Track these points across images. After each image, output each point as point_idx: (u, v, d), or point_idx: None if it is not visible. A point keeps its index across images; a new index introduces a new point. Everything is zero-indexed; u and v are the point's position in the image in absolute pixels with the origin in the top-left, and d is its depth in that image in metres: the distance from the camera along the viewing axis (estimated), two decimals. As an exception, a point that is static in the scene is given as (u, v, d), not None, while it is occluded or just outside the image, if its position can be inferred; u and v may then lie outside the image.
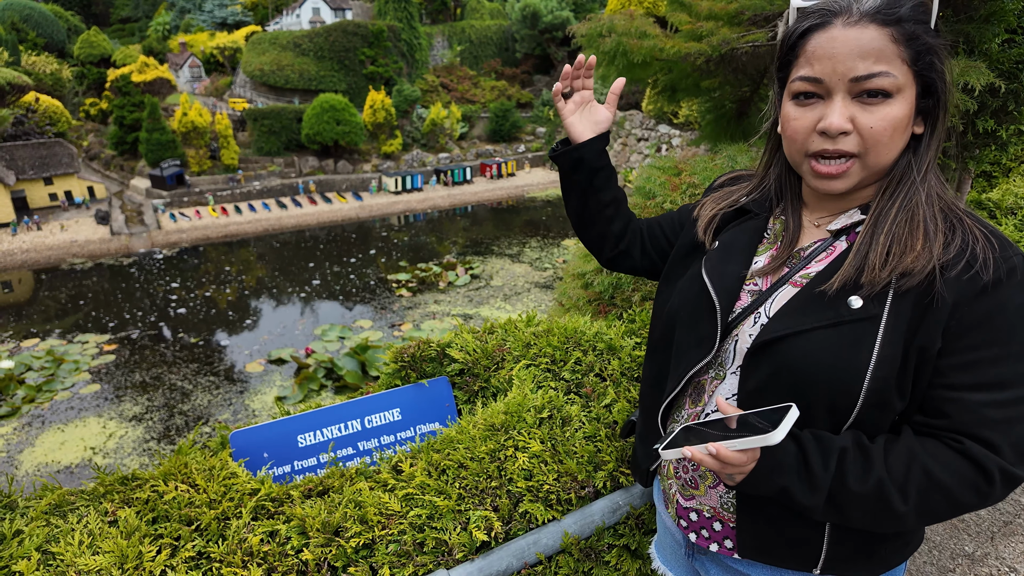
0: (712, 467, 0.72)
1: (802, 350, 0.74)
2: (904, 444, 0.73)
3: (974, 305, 0.69)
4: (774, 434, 0.65)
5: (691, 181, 2.05)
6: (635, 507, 1.27)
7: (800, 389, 0.75)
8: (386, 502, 1.17)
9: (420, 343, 1.72)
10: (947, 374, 0.71)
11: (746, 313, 0.84)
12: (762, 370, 0.78)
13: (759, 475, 0.74)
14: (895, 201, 0.74)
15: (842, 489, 0.72)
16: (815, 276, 0.78)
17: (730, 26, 2.25)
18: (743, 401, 0.80)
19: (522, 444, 1.29)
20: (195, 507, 1.17)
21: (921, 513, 0.72)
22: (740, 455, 0.71)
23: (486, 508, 1.17)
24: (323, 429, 1.59)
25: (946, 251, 0.70)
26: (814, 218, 0.85)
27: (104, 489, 1.23)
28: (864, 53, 0.69)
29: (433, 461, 1.26)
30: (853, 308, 0.73)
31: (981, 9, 1.66)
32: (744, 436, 0.68)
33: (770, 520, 0.83)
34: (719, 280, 0.87)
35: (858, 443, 0.74)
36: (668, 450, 0.76)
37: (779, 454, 0.74)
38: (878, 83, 0.69)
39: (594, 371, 1.54)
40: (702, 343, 0.86)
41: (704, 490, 0.91)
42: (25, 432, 9.88)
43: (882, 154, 0.73)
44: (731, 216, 0.95)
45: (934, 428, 0.73)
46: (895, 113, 0.70)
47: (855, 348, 0.72)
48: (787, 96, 0.78)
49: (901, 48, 0.69)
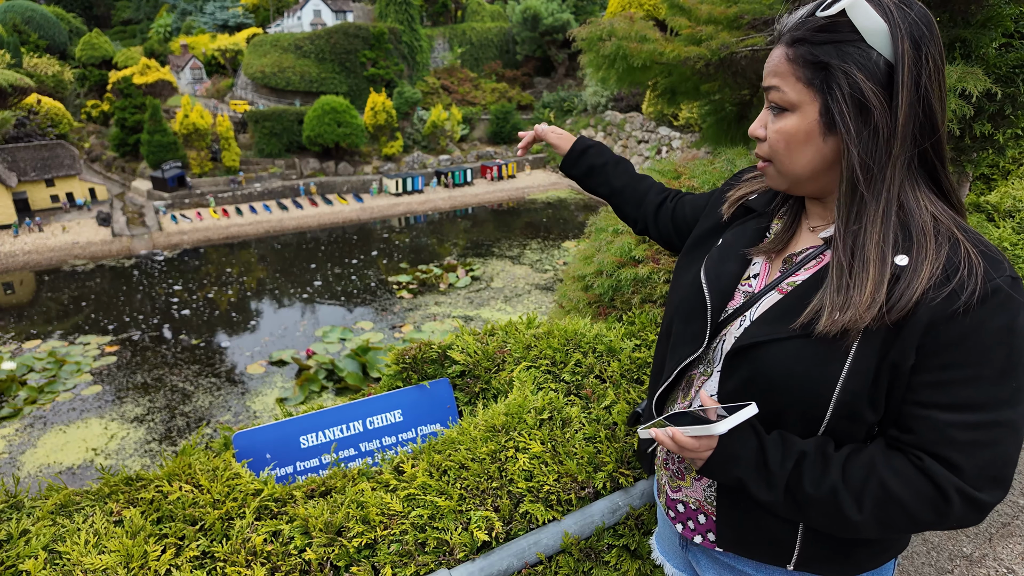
0: (671, 449, 0.78)
1: (776, 358, 0.76)
2: (867, 455, 0.74)
3: (950, 324, 0.67)
4: (719, 425, 0.71)
5: (690, 184, 2.07)
6: (635, 507, 1.28)
7: (773, 395, 0.77)
8: (388, 502, 1.18)
9: (421, 345, 1.73)
10: (919, 391, 0.71)
11: (736, 315, 0.86)
12: (739, 373, 0.81)
13: (715, 463, 0.79)
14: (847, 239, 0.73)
15: (798, 490, 0.75)
16: (799, 285, 0.80)
17: (729, 30, 2.26)
18: (722, 400, 0.83)
19: (523, 445, 1.30)
20: (199, 507, 1.18)
21: (880, 523, 0.73)
22: (693, 441, 0.76)
23: (487, 508, 1.18)
24: (325, 430, 1.60)
25: (930, 278, 0.68)
26: (810, 223, 0.87)
27: (109, 489, 1.24)
28: (769, 69, 0.78)
29: (434, 462, 1.27)
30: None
31: (978, 14, 1.67)
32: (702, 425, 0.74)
33: (747, 514, 0.85)
34: (715, 280, 0.90)
35: (821, 449, 0.76)
36: (643, 430, 0.82)
37: (736, 446, 0.77)
38: (772, 97, 0.77)
39: (594, 373, 1.55)
40: (694, 339, 0.89)
41: (690, 481, 0.94)
42: (27, 433, 9.89)
43: (784, 162, 0.78)
44: (737, 214, 0.98)
45: (901, 443, 0.74)
46: (787, 125, 0.76)
47: (827, 360, 0.73)
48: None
49: (794, 67, 0.74)
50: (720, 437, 0.77)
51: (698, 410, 0.79)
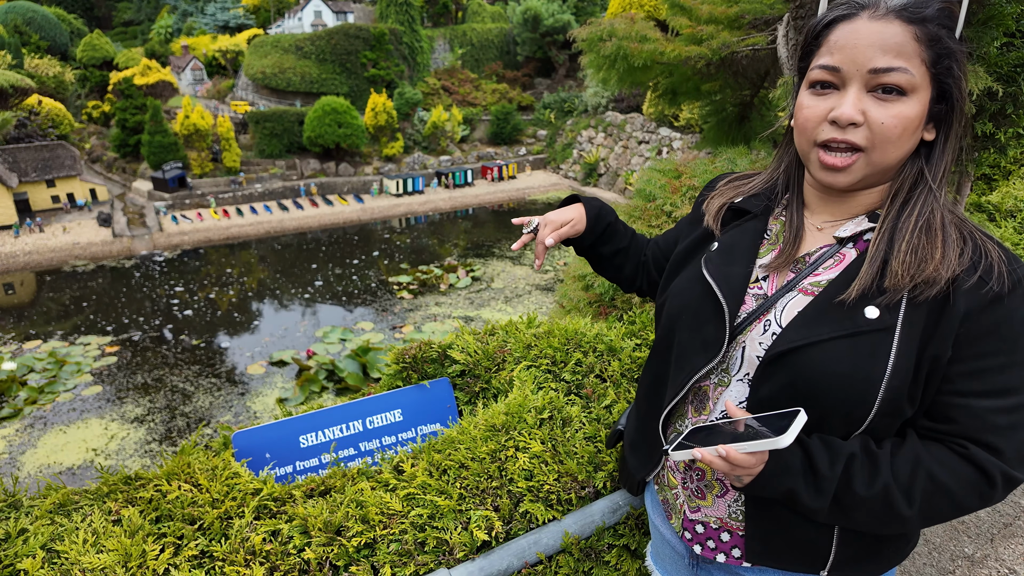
0: (721, 469, 0.73)
1: (819, 361, 0.74)
2: (910, 449, 0.75)
3: (983, 315, 0.70)
4: (783, 438, 0.66)
5: (691, 184, 2.06)
6: (635, 507, 1.28)
7: (815, 399, 0.75)
8: (387, 502, 1.18)
9: (421, 344, 1.73)
10: (955, 381, 0.72)
11: (752, 318, 0.83)
12: (776, 379, 0.78)
13: (766, 477, 0.76)
14: (913, 209, 0.74)
15: (848, 493, 0.74)
16: (829, 285, 0.78)
17: (730, 30, 2.26)
18: (753, 408, 0.80)
19: (523, 444, 1.30)
20: (198, 506, 1.18)
21: (925, 516, 0.74)
22: (749, 457, 0.72)
23: (487, 508, 1.18)
24: (325, 430, 1.60)
25: (961, 262, 0.71)
26: (817, 221, 0.85)
27: (108, 488, 1.24)
28: (885, 47, 0.70)
29: (434, 461, 1.27)
30: (869, 318, 0.73)
31: (979, 13, 1.67)
32: (752, 439, 0.69)
33: (779, 524, 0.83)
34: (725, 282, 0.86)
35: (866, 448, 0.75)
36: (678, 451, 0.76)
37: (787, 457, 0.75)
38: (895, 78, 0.69)
39: (594, 372, 1.54)
40: (708, 347, 0.85)
41: (711, 500, 0.90)
42: (27, 433, 9.89)
43: (889, 152, 0.73)
44: (730, 217, 0.95)
45: (940, 433, 0.74)
46: (908, 111, 0.70)
47: (871, 359, 0.72)
48: (804, 85, 0.78)
49: (922, 48, 0.70)
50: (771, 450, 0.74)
51: (724, 422, 0.77)
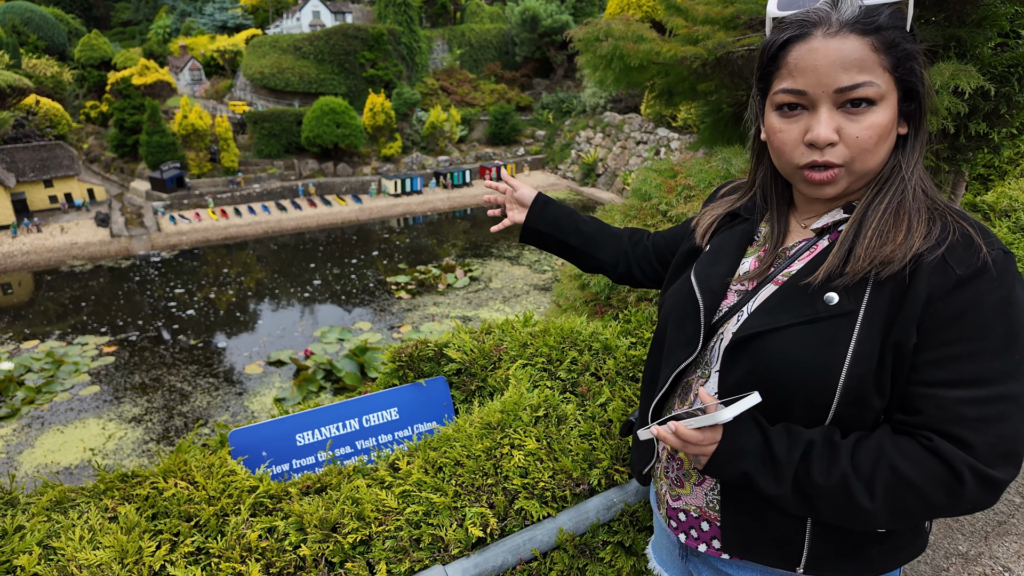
0: (674, 444, 0.75)
1: (778, 347, 0.75)
2: (875, 440, 0.73)
3: (948, 299, 0.68)
4: (724, 412, 0.68)
5: (686, 183, 2.07)
6: (629, 504, 1.28)
7: (777, 385, 0.76)
8: (383, 499, 1.18)
9: (418, 343, 1.74)
10: (921, 370, 0.70)
11: (731, 312, 0.86)
12: (740, 367, 0.79)
13: (720, 458, 0.76)
14: (884, 197, 0.75)
15: (807, 481, 0.73)
16: (795, 273, 0.80)
17: (726, 30, 2.27)
18: (722, 396, 0.81)
19: (518, 442, 1.31)
20: (194, 504, 1.18)
21: (892, 511, 0.72)
22: (697, 434, 0.74)
23: (482, 505, 1.18)
24: (321, 428, 1.61)
25: (925, 241, 0.71)
26: (801, 220, 0.87)
27: (104, 486, 1.24)
28: (846, 64, 0.69)
29: (430, 459, 1.28)
30: (830, 305, 0.73)
31: (973, 13, 1.68)
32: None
33: (753, 515, 0.83)
34: (704, 281, 0.89)
35: (827, 437, 0.74)
36: (643, 431, 0.80)
37: (742, 439, 0.76)
38: (862, 92, 0.70)
39: (590, 370, 1.55)
40: (689, 343, 0.87)
41: (689, 488, 0.92)
42: (25, 433, 9.85)
43: (868, 161, 0.74)
44: (723, 222, 0.97)
45: (908, 425, 0.73)
46: (879, 120, 0.71)
47: (831, 345, 0.72)
48: (770, 107, 0.79)
49: (881, 56, 0.70)
50: (724, 431, 0.76)
51: (698, 409, 0.79)
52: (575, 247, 1.24)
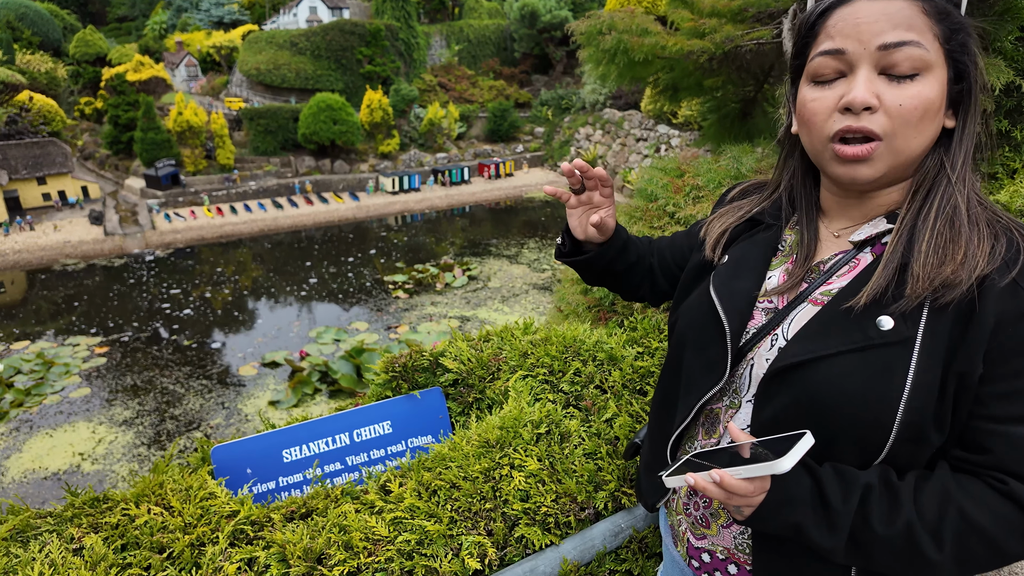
0: (717, 496, 0.65)
1: (825, 377, 0.66)
2: (939, 482, 0.65)
3: (1020, 325, 0.61)
4: (782, 461, 0.59)
5: (694, 183, 1.98)
6: (638, 530, 1.20)
7: (824, 421, 0.67)
8: (373, 526, 1.10)
9: (412, 352, 1.65)
10: (989, 404, 0.63)
11: (761, 334, 0.76)
12: (780, 399, 0.70)
13: (769, 508, 0.67)
14: (931, 204, 0.67)
15: (865, 530, 0.65)
16: (838, 293, 0.71)
17: (733, 23, 2.18)
18: (757, 433, 0.73)
19: (518, 462, 1.22)
20: (168, 532, 1.10)
21: (960, 562, 0.64)
22: (746, 484, 0.64)
23: (479, 533, 1.10)
24: (309, 443, 1.52)
25: (990, 261, 0.63)
26: (834, 228, 0.78)
27: (72, 512, 1.15)
28: (893, 20, 0.63)
29: (424, 481, 1.19)
30: (883, 330, 0.65)
31: (996, 5, 1.60)
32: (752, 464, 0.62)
33: (789, 560, 0.75)
34: (728, 298, 0.79)
35: (885, 479, 0.66)
36: (672, 478, 0.70)
37: (792, 487, 0.66)
38: (908, 53, 0.62)
39: (594, 383, 1.47)
40: (712, 369, 0.78)
41: (716, 529, 0.83)
42: (13, 437, 9.70)
43: (911, 138, 0.65)
44: (742, 228, 0.87)
45: (974, 465, 0.65)
46: (926, 92, 0.63)
47: (886, 375, 0.64)
48: (805, 80, 0.71)
49: (932, 22, 0.63)
50: (772, 477, 0.66)
51: (728, 447, 0.69)
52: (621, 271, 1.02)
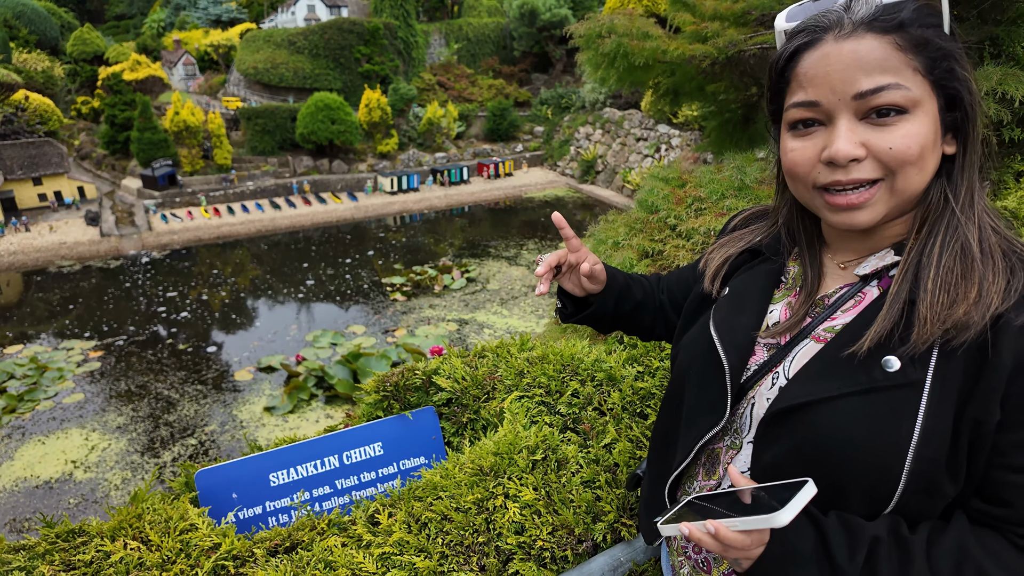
0: (712, 548, 0.61)
1: (828, 421, 0.62)
2: (954, 537, 0.61)
3: None
4: (780, 515, 0.55)
5: (696, 194, 1.93)
6: (638, 563, 1.15)
7: (827, 467, 0.63)
8: (360, 562, 1.04)
9: (404, 370, 1.59)
10: (1008, 453, 0.59)
11: (763, 371, 0.72)
12: (781, 443, 0.66)
13: (768, 563, 0.63)
14: (936, 238, 0.62)
15: None
16: (842, 330, 0.66)
17: (736, 27, 2.12)
18: (758, 477, 0.68)
19: (513, 491, 1.17)
20: (145, 569, 1.04)
21: None
22: (743, 537, 0.60)
23: (472, 569, 1.04)
24: (297, 467, 1.46)
25: (1005, 298, 0.58)
26: (839, 260, 0.73)
27: (44, 548, 1.10)
28: (865, 65, 0.59)
29: (414, 512, 1.13)
30: (889, 371, 0.61)
31: (1009, 11, 1.54)
32: (753, 514, 0.58)
33: None
34: (728, 334, 0.75)
35: (895, 532, 0.61)
36: (667, 526, 0.65)
37: (794, 540, 0.62)
38: (888, 97, 0.58)
39: (592, 404, 1.41)
40: (713, 408, 0.74)
41: (718, 574, 0.78)
42: (4, 444, 9.59)
43: (912, 177, 0.61)
44: (743, 259, 0.83)
45: (995, 519, 0.61)
46: (916, 129, 0.59)
47: (893, 420, 0.60)
48: (784, 128, 0.67)
49: (909, 56, 0.59)
50: (772, 530, 0.62)
51: (728, 491, 0.64)
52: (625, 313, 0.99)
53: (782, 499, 0.57)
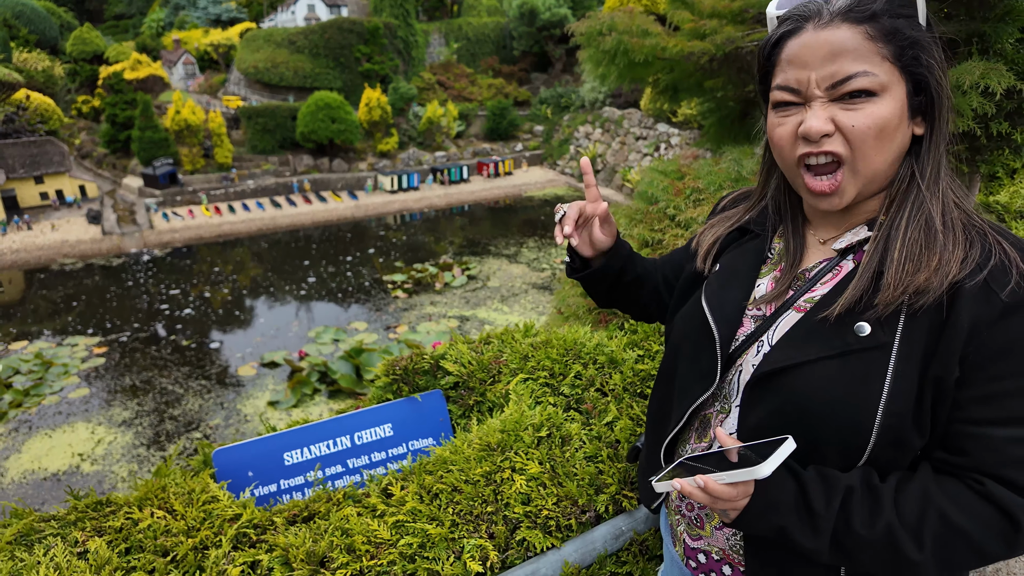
0: (702, 500, 0.67)
1: (806, 383, 0.68)
2: (919, 484, 0.67)
3: (995, 329, 0.62)
4: (762, 467, 0.61)
5: (694, 185, 1.98)
6: (639, 533, 1.21)
7: (806, 425, 0.69)
8: (375, 529, 1.10)
9: (413, 355, 1.65)
10: (967, 407, 0.65)
11: (749, 341, 0.78)
12: (764, 405, 0.72)
13: (753, 512, 0.69)
14: (904, 212, 0.69)
15: (848, 533, 0.66)
16: (820, 300, 0.73)
17: (734, 24, 2.18)
18: (744, 437, 0.74)
19: (519, 465, 1.22)
20: (172, 536, 1.10)
21: (942, 562, 0.65)
22: (729, 489, 0.66)
23: (481, 536, 1.10)
24: (311, 446, 1.52)
25: (963, 267, 0.64)
26: (819, 236, 0.80)
27: (76, 516, 1.16)
28: (837, 54, 0.66)
29: (425, 484, 1.19)
30: (861, 336, 0.67)
31: (996, 7, 1.60)
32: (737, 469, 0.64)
33: (780, 564, 0.76)
34: (718, 308, 0.81)
35: (867, 482, 0.68)
36: (661, 483, 0.72)
37: (775, 491, 0.68)
38: (857, 84, 0.65)
39: (595, 386, 1.47)
40: (704, 375, 0.80)
41: (710, 530, 0.85)
42: (11, 438, 9.69)
43: (871, 157, 0.67)
44: (732, 237, 0.89)
45: (954, 467, 0.67)
46: (881, 111, 0.66)
47: (865, 380, 0.66)
48: (770, 107, 0.74)
49: (879, 45, 0.65)
50: (756, 481, 0.68)
51: (717, 451, 0.70)
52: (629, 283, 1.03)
53: (765, 455, 0.63)
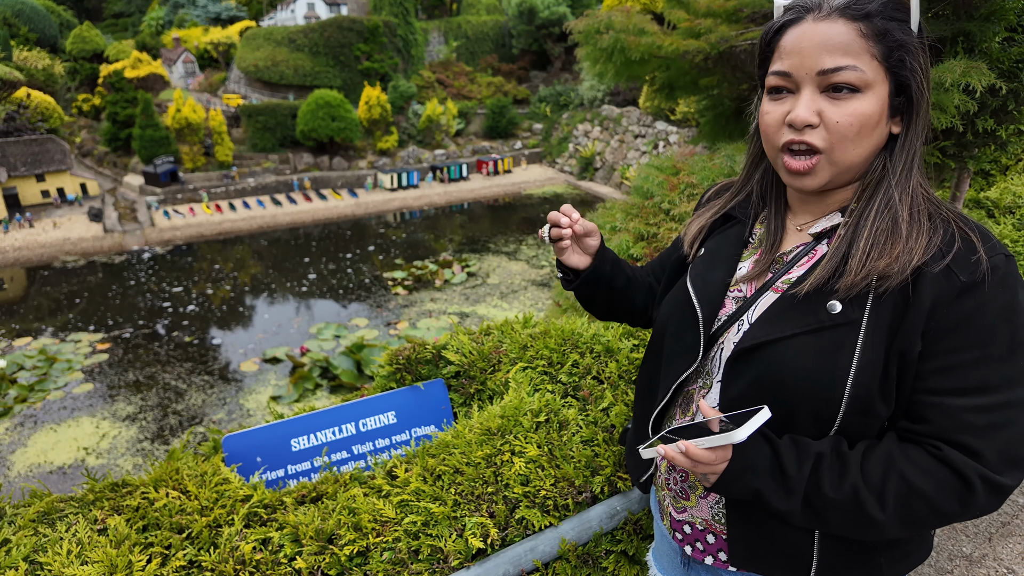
0: (684, 465, 0.73)
1: (782, 357, 0.74)
2: (883, 450, 0.72)
3: (953, 306, 0.67)
4: (739, 431, 0.66)
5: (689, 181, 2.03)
6: (633, 512, 1.26)
7: (782, 396, 0.74)
8: (380, 509, 1.16)
9: (416, 345, 1.70)
10: (927, 378, 0.70)
11: (731, 321, 0.84)
12: (743, 378, 0.78)
13: (731, 476, 0.74)
14: (874, 203, 0.74)
15: (817, 494, 0.72)
16: (795, 281, 0.78)
17: (728, 23, 2.23)
18: (724, 408, 0.80)
19: (519, 449, 1.28)
20: (186, 514, 1.15)
21: (904, 521, 0.71)
22: (708, 453, 0.71)
23: (482, 515, 1.16)
24: (317, 433, 1.57)
25: (926, 251, 0.69)
26: (797, 222, 0.85)
27: (94, 496, 1.21)
28: (831, 47, 0.69)
29: (428, 466, 1.25)
30: (833, 313, 0.72)
31: (982, 7, 1.64)
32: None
33: (761, 528, 0.82)
34: (702, 288, 0.87)
35: (836, 449, 0.73)
36: (647, 450, 0.77)
37: (751, 456, 0.74)
38: (844, 77, 0.69)
39: (591, 374, 1.52)
40: (688, 352, 0.86)
41: (695, 500, 0.90)
42: (17, 432, 9.78)
43: (848, 150, 0.72)
44: (717, 224, 0.95)
45: (916, 434, 0.72)
46: (863, 108, 0.70)
47: (835, 354, 0.71)
48: (765, 91, 0.78)
49: (870, 43, 0.69)
50: (734, 448, 0.74)
51: (700, 422, 0.76)
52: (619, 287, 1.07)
53: (743, 423, 0.68)
